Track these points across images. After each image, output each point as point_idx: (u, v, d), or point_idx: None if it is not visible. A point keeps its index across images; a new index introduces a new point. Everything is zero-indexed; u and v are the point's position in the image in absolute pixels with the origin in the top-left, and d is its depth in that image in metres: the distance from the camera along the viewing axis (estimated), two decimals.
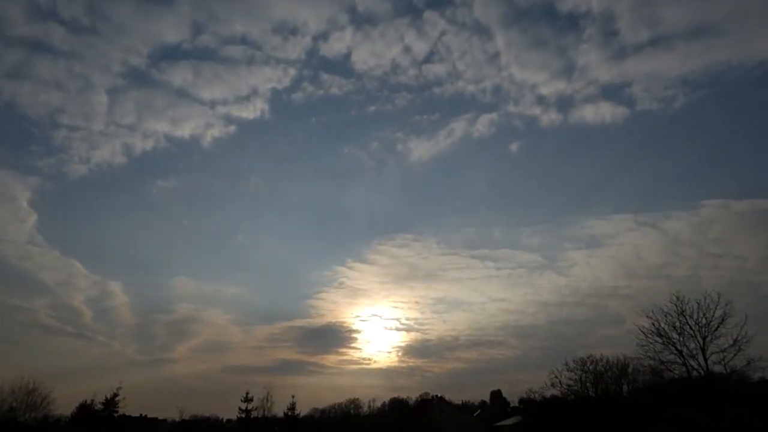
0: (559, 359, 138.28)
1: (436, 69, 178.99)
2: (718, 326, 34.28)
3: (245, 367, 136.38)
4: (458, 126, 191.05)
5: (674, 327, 35.99)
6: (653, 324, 36.89)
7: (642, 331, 37.19)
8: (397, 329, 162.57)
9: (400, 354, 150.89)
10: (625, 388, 49.27)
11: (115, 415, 56.08)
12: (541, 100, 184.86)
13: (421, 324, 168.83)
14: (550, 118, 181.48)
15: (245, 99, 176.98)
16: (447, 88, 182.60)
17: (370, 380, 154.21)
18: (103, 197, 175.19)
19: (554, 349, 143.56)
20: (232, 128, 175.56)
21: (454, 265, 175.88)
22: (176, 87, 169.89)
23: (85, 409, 57.15)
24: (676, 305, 36.36)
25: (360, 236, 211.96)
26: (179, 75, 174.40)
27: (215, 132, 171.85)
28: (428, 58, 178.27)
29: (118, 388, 55.80)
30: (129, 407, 59.89)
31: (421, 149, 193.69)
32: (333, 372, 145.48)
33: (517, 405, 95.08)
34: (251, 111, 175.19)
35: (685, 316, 35.71)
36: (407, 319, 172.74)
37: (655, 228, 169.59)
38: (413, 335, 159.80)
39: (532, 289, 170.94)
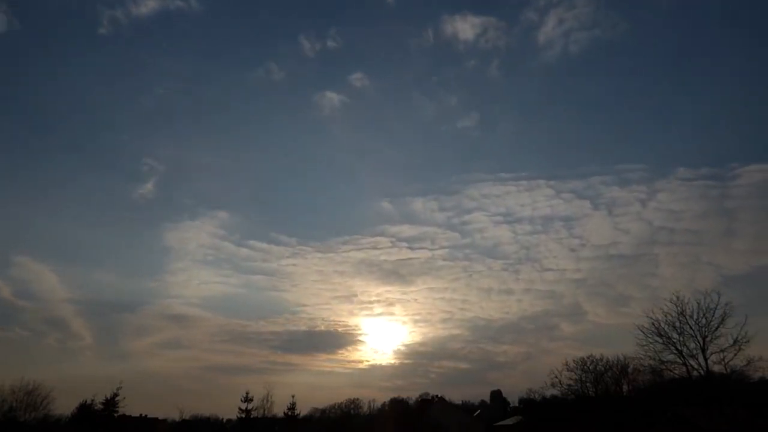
0: (531, 358, 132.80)
1: None
2: (718, 326, 34.64)
3: None
4: (281, 47, 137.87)
5: (674, 327, 36.30)
6: (653, 324, 37.15)
7: (642, 331, 37.48)
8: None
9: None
10: (625, 388, 49.25)
11: (115, 415, 56.00)
12: (386, 8, 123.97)
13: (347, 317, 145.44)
14: (417, 40, 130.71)
15: None
16: None
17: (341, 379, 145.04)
18: None
19: (521, 343, 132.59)
20: None
21: (352, 248, 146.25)
22: None
23: (85, 409, 57.05)
24: (676, 305, 36.74)
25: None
26: None
27: None
28: None
29: (118, 388, 55.71)
30: (128, 407, 59.80)
31: (231, 75, 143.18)
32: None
33: (517, 405, 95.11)
34: None
35: (685, 316, 36.05)
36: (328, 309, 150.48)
37: (580, 196, 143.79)
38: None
39: (465, 273, 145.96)
